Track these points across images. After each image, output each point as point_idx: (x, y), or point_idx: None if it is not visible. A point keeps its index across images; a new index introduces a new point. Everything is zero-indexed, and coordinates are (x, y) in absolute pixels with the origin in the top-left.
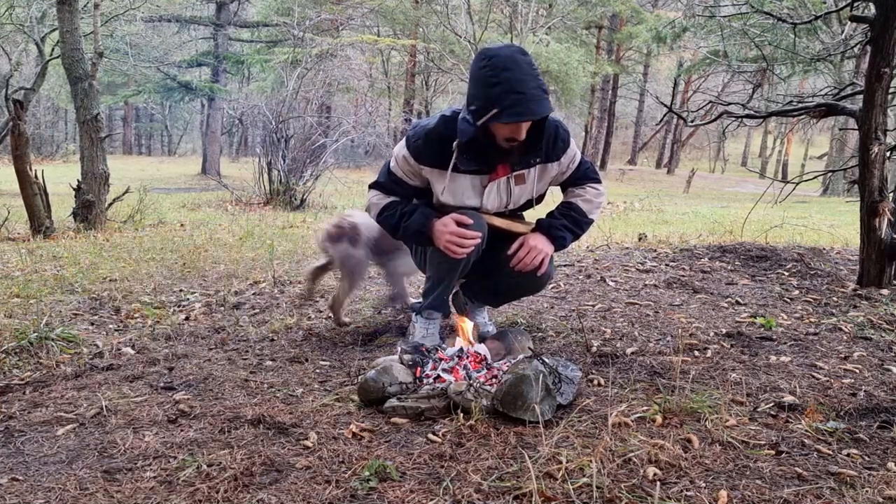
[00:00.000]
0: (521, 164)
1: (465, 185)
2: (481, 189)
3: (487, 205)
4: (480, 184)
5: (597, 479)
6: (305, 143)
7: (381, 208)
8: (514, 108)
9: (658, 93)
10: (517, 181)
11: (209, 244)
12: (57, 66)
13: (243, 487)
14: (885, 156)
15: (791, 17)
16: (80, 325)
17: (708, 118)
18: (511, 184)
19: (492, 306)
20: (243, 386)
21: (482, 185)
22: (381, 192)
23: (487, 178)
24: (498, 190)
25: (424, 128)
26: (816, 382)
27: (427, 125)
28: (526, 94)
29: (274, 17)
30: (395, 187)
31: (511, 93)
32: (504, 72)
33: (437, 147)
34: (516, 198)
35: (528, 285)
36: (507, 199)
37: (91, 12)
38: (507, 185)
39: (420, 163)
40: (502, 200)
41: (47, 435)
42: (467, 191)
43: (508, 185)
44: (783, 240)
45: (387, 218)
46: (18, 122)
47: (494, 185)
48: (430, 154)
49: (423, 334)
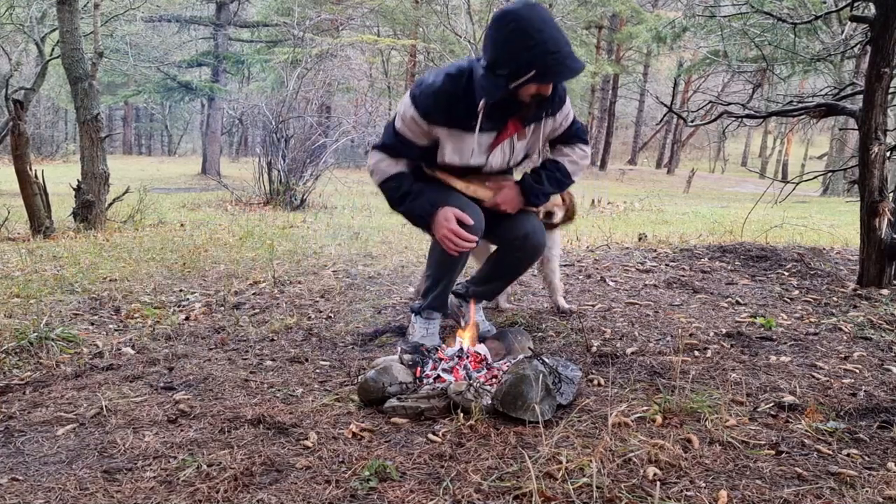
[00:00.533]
0: (531, 119)
1: (472, 145)
2: (489, 148)
3: (492, 163)
4: (490, 142)
5: (597, 479)
6: (305, 143)
7: (387, 177)
8: (553, 68)
9: (658, 93)
10: (519, 137)
11: (209, 244)
12: (57, 66)
13: (243, 487)
14: (885, 156)
15: (791, 17)
16: (80, 325)
17: (708, 118)
18: (514, 140)
19: (487, 298)
20: (243, 386)
21: (492, 144)
22: (387, 154)
23: (497, 137)
24: (502, 148)
25: (431, 87)
26: (816, 382)
27: (434, 84)
28: (561, 52)
29: (274, 17)
30: (403, 148)
31: (547, 54)
32: (536, 33)
33: (446, 106)
34: (517, 154)
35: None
36: (509, 156)
37: (91, 12)
38: (511, 142)
39: (430, 122)
40: (505, 157)
41: (47, 435)
42: (476, 150)
43: (512, 143)
44: (783, 240)
45: (391, 189)
46: (18, 122)
47: (502, 143)
48: (439, 113)
49: (422, 334)
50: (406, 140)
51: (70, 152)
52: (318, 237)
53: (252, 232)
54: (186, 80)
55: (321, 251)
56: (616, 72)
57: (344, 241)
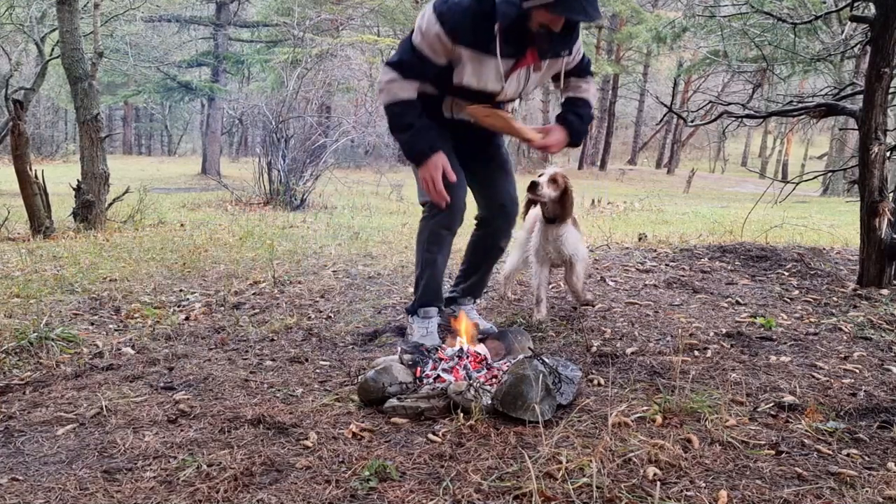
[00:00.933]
0: (550, 53)
1: (491, 69)
2: (506, 74)
3: (508, 90)
4: (507, 69)
5: (597, 479)
6: (305, 143)
7: (396, 101)
8: (570, 3)
9: (658, 93)
10: (535, 69)
11: (209, 244)
12: (57, 66)
13: (243, 487)
14: (885, 156)
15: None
16: (80, 325)
17: (708, 118)
18: (530, 70)
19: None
20: (243, 386)
21: (508, 71)
22: (401, 74)
23: (515, 64)
24: (518, 76)
25: (459, 4)
26: (816, 382)
27: (463, 2)
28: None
29: (274, 17)
30: (419, 66)
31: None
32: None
33: (473, 26)
34: (530, 85)
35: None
36: (523, 86)
37: (91, 12)
38: (528, 71)
39: (455, 42)
40: (520, 86)
41: (47, 435)
42: (492, 75)
43: (528, 72)
44: (783, 240)
45: (396, 115)
46: (18, 122)
47: (519, 71)
48: (466, 33)
49: (422, 334)
50: (424, 57)
51: (70, 152)
52: (318, 237)
53: (252, 232)
54: (186, 80)
55: (321, 251)
56: (616, 72)
57: (344, 241)
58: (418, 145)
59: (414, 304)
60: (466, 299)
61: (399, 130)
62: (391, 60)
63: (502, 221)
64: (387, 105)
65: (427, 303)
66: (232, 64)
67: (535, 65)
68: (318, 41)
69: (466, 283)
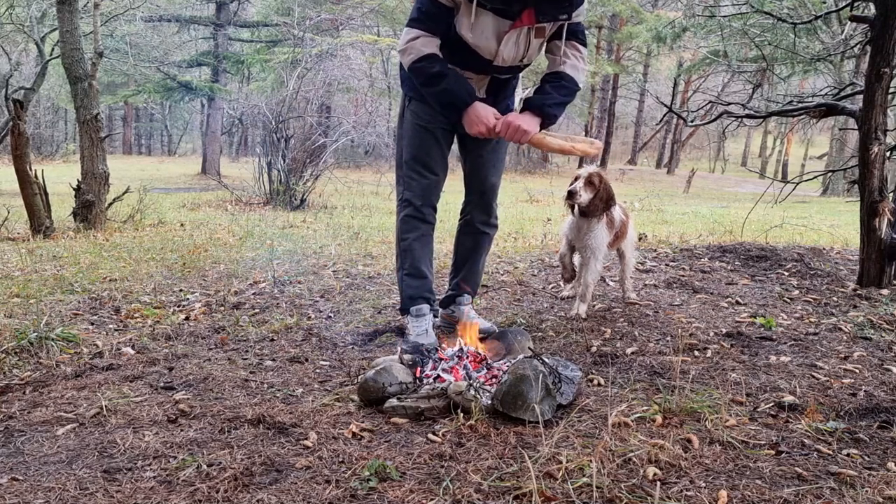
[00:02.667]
0: (548, 16)
1: (487, 25)
2: (502, 34)
3: (504, 52)
4: (502, 28)
5: (597, 479)
6: (305, 143)
7: (421, 56)
8: None
9: (658, 93)
10: (537, 34)
11: (209, 244)
12: (57, 65)
13: (243, 487)
14: (885, 156)
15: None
16: (80, 325)
17: (708, 118)
18: (531, 35)
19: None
20: (243, 386)
21: (503, 31)
22: (424, 30)
23: (510, 24)
24: (517, 39)
25: None
26: (816, 382)
27: None
28: None
29: (274, 17)
30: (439, 15)
31: None
32: None
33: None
34: (532, 51)
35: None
36: (523, 51)
37: (91, 12)
38: (528, 36)
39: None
40: (519, 51)
41: (47, 435)
42: (488, 31)
43: (528, 37)
44: (783, 240)
45: (424, 67)
46: (18, 122)
47: (515, 32)
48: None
49: (417, 332)
50: (439, 2)
51: (70, 152)
52: (318, 237)
53: (252, 232)
54: (186, 80)
55: (321, 251)
56: (616, 72)
57: (344, 241)
58: (459, 93)
59: (403, 300)
60: (464, 297)
61: (432, 83)
62: (411, 18)
63: (478, 207)
64: (413, 63)
65: (414, 296)
66: (232, 64)
67: (536, 29)
68: (318, 41)
69: (458, 275)
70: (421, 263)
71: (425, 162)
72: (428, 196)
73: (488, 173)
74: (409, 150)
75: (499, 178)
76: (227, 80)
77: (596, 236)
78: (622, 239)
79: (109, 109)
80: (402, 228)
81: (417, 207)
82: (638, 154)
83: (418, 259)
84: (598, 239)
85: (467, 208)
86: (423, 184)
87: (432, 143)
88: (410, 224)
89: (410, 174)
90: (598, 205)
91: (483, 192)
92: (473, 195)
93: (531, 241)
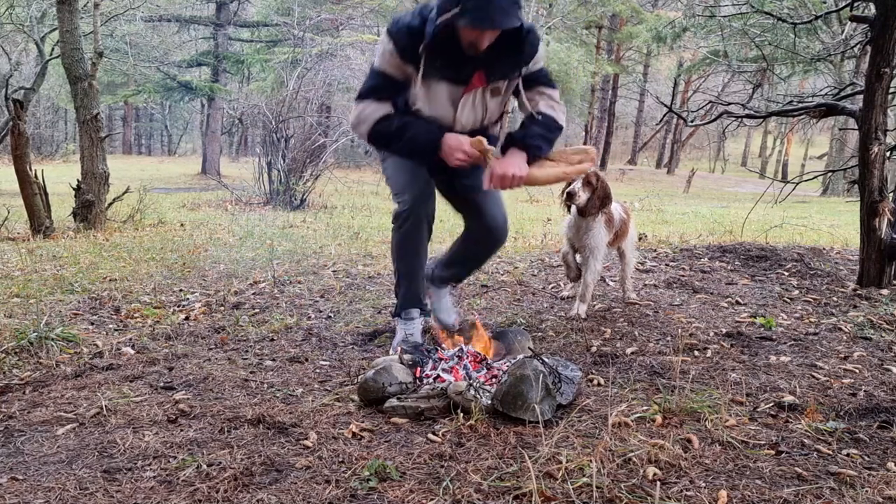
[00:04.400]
0: (498, 74)
1: (441, 93)
2: (457, 100)
3: (462, 118)
4: (455, 95)
5: (597, 479)
6: (305, 142)
7: (375, 120)
8: (475, 12)
9: (658, 93)
10: (493, 94)
11: (209, 244)
12: (57, 65)
13: (243, 487)
14: (885, 156)
15: (791, 17)
16: (79, 325)
17: (708, 118)
18: (487, 97)
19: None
20: (243, 386)
21: (457, 97)
22: (372, 98)
23: (462, 90)
24: (473, 103)
25: (405, 22)
26: (816, 382)
27: (406, 19)
28: (493, 2)
29: (274, 16)
30: (387, 86)
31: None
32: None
33: (415, 43)
34: (492, 112)
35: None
36: (482, 113)
37: (91, 12)
38: (483, 98)
39: (404, 60)
40: (477, 114)
41: (47, 435)
42: (442, 99)
43: (484, 99)
44: (783, 240)
45: (383, 128)
46: (18, 122)
47: (469, 96)
48: (412, 50)
49: (401, 337)
50: (388, 76)
51: (70, 152)
52: (318, 237)
53: (252, 232)
54: (186, 79)
55: (321, 251)
56: (616, 72)
57: (344, 241)
58: (426, 134)
59: (397, 308)
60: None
61: (397, 139)
62: (358, 94)
63: (492, 243)
64: (370, 130)
65: (409, 305)
66: (232, 64)
67: (491, 90)
68: (318, 41)
69: (443, 272)
70: (419, 282)
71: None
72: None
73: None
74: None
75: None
76: (227, 80)
77: (595, 236)
78: (623, 238)
79: (109, 109)
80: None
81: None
82: (638, 154)
83: (418, 279)
84: (598, 238)
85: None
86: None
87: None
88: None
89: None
90: (594, 203)
91: (491, 228)
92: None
93: (531, 241)
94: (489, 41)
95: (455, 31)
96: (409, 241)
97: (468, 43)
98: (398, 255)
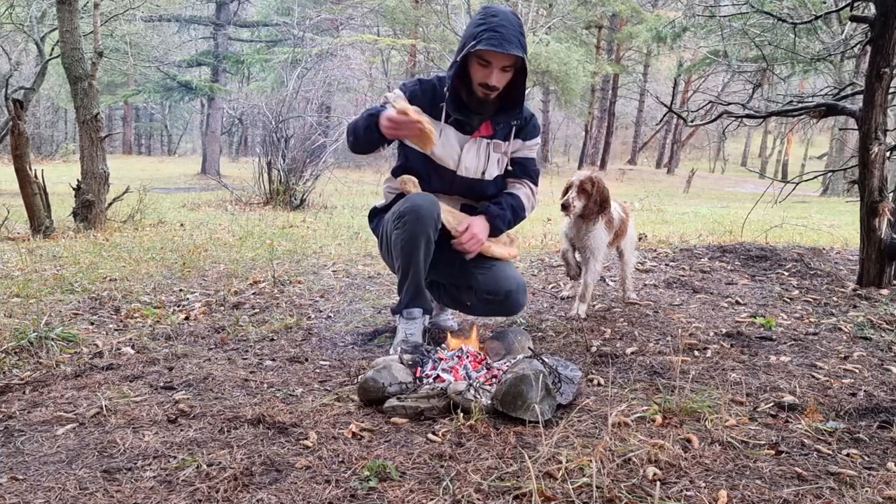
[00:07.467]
0: (501, 124)
1: (450, 136)
2: (462, 144)
3: (465, 161)
4: (462, 140)
5: (597, 479)
6: (305, 142)
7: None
8: (489, 40)
9: (658, 93)
10: (495, 148)
11: (209, 244)
12: (57, 65)
13: (243, 487)
14: (885, 156)
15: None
16: (79, 325)
17: (708, 118)
18: (490, 148)
19: None
20: (243, 386)
21: (463, 141)
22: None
23: (470, 137)
24: (478, 150)
25: (420, 78)
26: (816, 382)
27: (423, 77)
28: (504, 34)
29: (274, 16)
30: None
31: (490, 30)
32: (491, 17)
33: (430, 96)
34: (492, 164)
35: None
36: (484, 162)
37: (91, 12)
38: (487, 148)
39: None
40: (480, 162)
41: (47, 435)
42: (452, 141)
43: (488, 149)
44: (783, 240)
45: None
46: (18, 122)
47: (475, 143)
48: (422, 100)
49: (402, 337)
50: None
51: (70, 152)
52: (318, 237)
53: (252, 232)
54: (186, 79)
55: (321, 251)
56: (616, 72)
57: (344, 240)
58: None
59: (399, 305)
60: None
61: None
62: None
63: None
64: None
65: (411, 304)
66: (232, 64)
67: (494, 144)
68: (318, 41)
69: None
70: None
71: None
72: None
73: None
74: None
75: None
76: (227, 79)
77: (595, 236)
78: (622, 237)
79: (109, 109)
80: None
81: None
82: (638, 154)
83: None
84: (598, 239)
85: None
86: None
87: None
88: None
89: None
90: (592, 209)
91: (509, 292)
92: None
93: (531, 241)
94: (498, 78)
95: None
96: (412, 237)
97: (479, 82)
98: (402, 251)
